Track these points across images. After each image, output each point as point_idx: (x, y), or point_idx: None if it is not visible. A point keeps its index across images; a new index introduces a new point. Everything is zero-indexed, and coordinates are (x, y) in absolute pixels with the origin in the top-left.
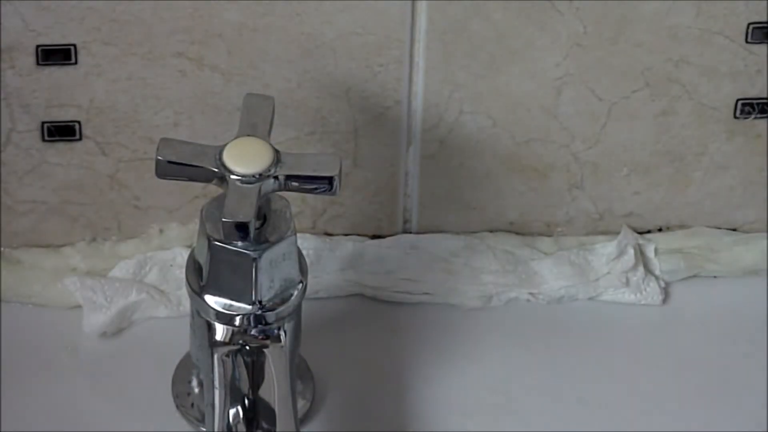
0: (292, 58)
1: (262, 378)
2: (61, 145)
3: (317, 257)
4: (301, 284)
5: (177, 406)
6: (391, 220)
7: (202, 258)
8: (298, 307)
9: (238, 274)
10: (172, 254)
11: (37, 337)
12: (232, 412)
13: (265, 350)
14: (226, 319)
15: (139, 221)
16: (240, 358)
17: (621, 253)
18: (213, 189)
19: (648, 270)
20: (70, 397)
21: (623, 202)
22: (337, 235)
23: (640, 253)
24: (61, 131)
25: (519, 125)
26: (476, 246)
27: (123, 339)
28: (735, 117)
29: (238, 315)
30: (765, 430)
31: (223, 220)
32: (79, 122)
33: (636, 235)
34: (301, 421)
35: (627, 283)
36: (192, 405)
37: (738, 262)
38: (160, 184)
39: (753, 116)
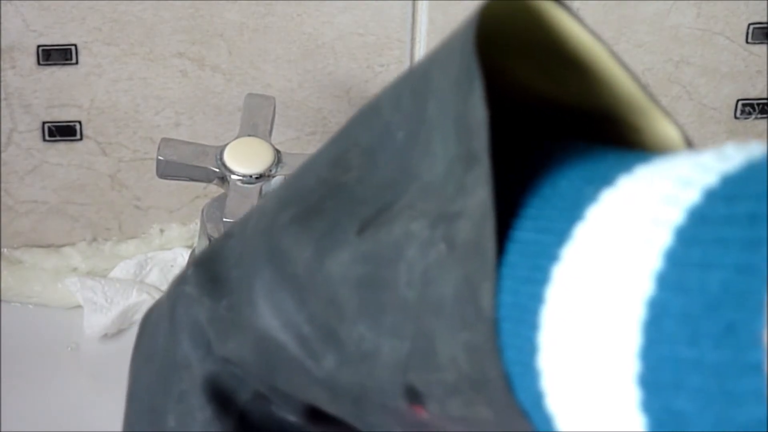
0: (292, 58)
1: None
2: (61, 145)
3: None
4: None
5: None
6: None
7: None
8: None
9: None
10: (172, 255)
11: (37, 337)
12: None
13: None
14: None
15: (139, 221)
16: None
17: None
18: (214, 189)
19: None
20: (71, 398)
21: None
22: None
23: None
24: (62, 131)
25: None
26: None
27: (123, 340)
28: (735, 117)
29: None
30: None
31: (224, 220)
32: (79, 122)
33: None
34: None
35: None
36: None
37: None
38: (160, 185)
39: (753, 117)
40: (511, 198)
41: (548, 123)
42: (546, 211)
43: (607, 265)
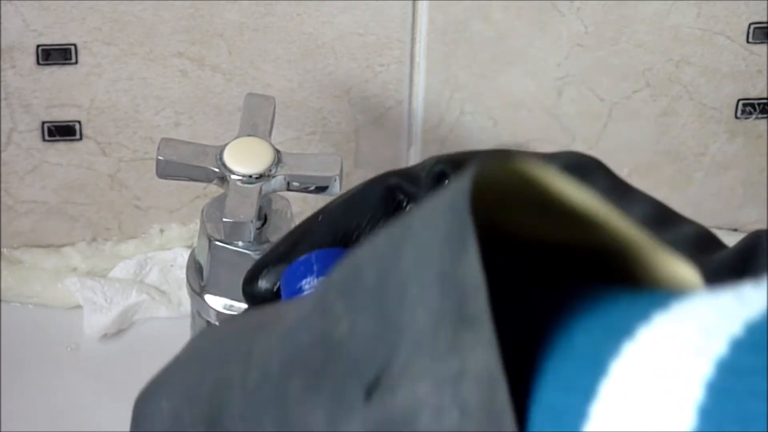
0: (292, 58)
1: None
2: (61, 145)
3: None
4: None
5: None
6: None
7: (203, 258)
8: None
9: (239, 275)
10: (172, 254)
11: (37, 337)
12: None
13: None
14: None
15: (139, 221)
16: None
17: None
18: (213, 189)
19: None
20: (71, 398)
21: None
22: None
23: None
24: (62, 131)
25: (520, 125)
26: None
27: (123, 339)
28: (736, 117)
29: None
30: None
31: (224, 220)
32: (79, 122)
33: None
34: None
35: None
36: None
37: None
38: (160, 184)
39: (754, 117)
40: (519, 349)
41: (542, 260)
42: (566, 368)
43: (641, 424)
